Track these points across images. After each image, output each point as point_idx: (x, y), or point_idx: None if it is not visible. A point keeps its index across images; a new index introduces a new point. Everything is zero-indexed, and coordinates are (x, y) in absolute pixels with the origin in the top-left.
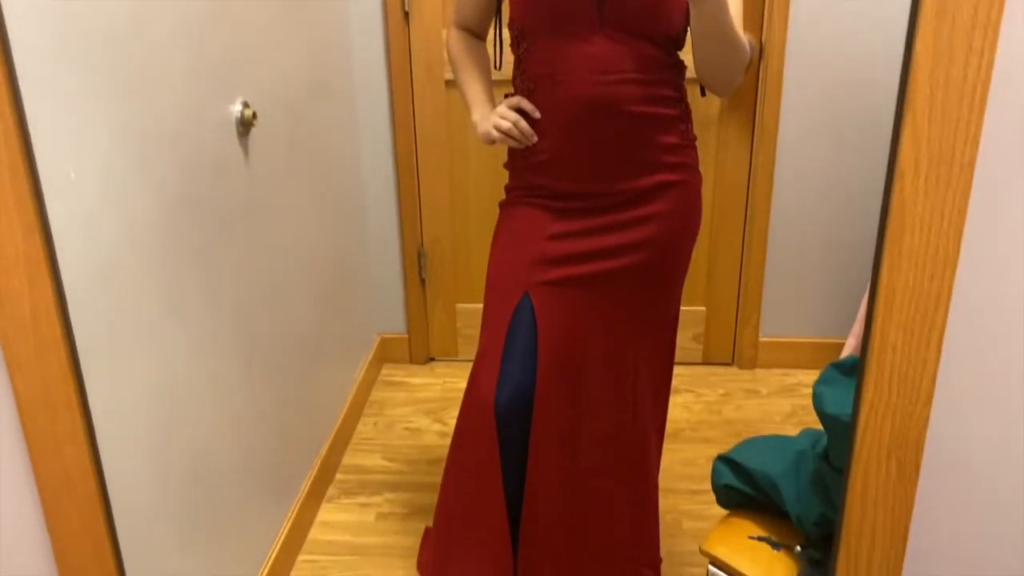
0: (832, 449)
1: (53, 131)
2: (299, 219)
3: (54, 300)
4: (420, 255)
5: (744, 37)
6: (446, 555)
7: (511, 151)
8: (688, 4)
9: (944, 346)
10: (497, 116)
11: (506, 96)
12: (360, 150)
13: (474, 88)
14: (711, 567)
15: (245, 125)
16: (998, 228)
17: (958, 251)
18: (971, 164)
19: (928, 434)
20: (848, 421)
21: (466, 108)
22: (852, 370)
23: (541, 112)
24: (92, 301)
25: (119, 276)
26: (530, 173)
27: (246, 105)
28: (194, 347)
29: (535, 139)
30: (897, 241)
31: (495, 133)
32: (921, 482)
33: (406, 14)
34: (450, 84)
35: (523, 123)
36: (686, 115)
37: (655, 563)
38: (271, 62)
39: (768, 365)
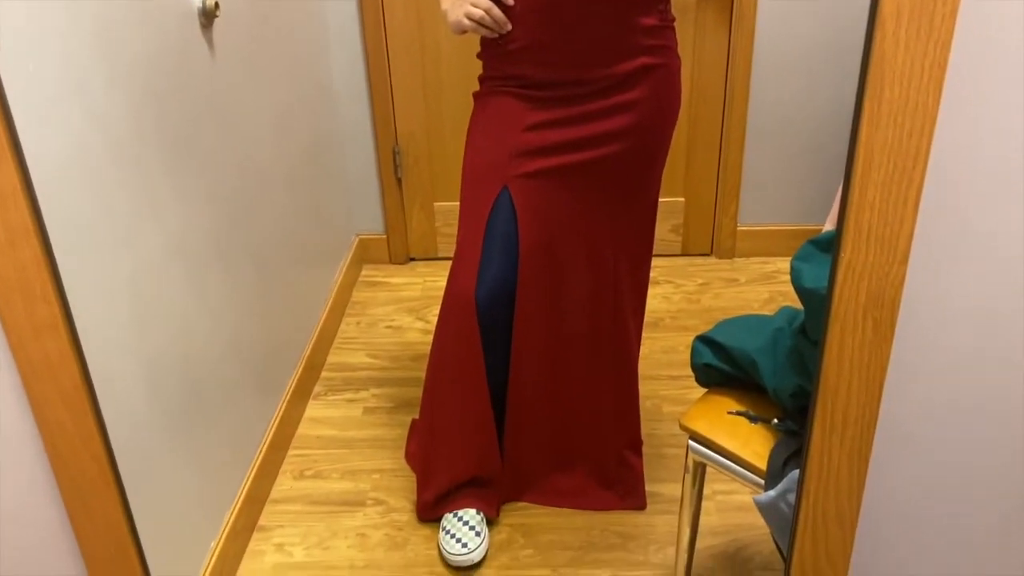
0: (809, 323)
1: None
2: (268, 116)
3: (21, 186)
4: (395, 153)
5: None
6: (433, 446)
7: (484, 40)
8: None
9: (922, 205)
10: (468, 4)
11: None
12: (328, 45)
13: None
14: (691, 442)
15: (208, 16)
16: (979, 83)
17: (938, 105)
18: (953, 13)
19: (904, 293)
20: (825, 294)
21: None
22: (829, 246)
23: None
24: (61, 190)
25: (87, 166)
26: (505, 62)
27: None
28: (169, 240)
29: (509, 26)
30: (876, 96)
31: (467, 22)
32: (896, 341)
33: None
34: None
35: (495, 10)
36: None
37: (636, 445)
38: None
39: (747, 254)
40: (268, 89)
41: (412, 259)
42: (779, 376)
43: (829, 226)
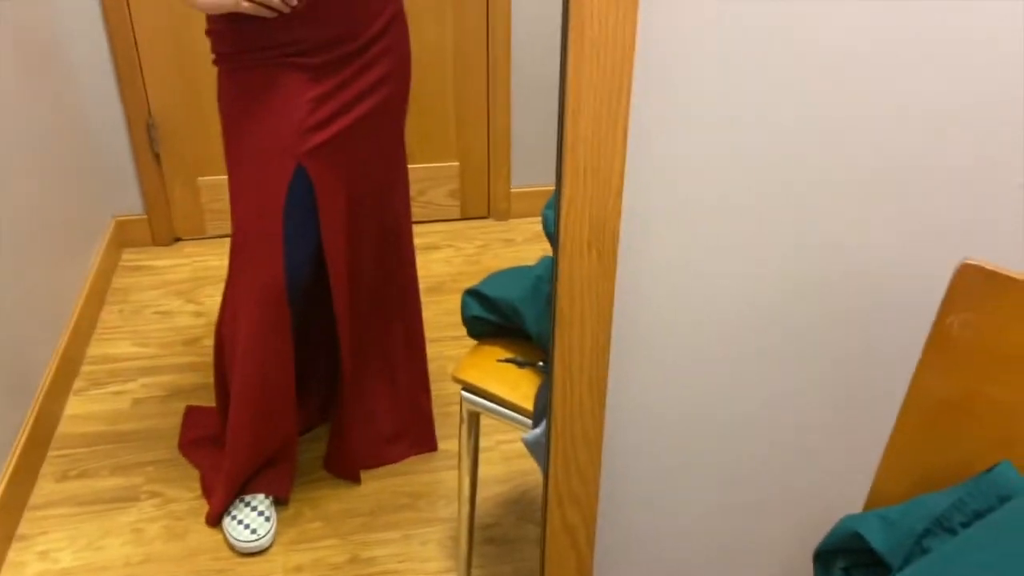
0: None
1: None
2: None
3: None
4: (149, 127)
5: None
6: (236, 438)
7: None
8: None
9: (630, 135)
10: None
11: None
12: (59, 10)
13: None
14: (464, 392)
15: None
16: (673, 18)
17: (634, 39)
18: None
19: (622, 223)
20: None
21: None
22: None
23: None
24: None
25: None
26: (273, 29)
27: None
28: None
29: (295, 2)
30: (579, 36)
31: (245, 3)
32: (620, 267)
33: None
34: None
35: None
36: None
37: (426, 385)
38: None
39: (521, 215)
40: None
41: (178, 239)
42: (540, 322)
43: None
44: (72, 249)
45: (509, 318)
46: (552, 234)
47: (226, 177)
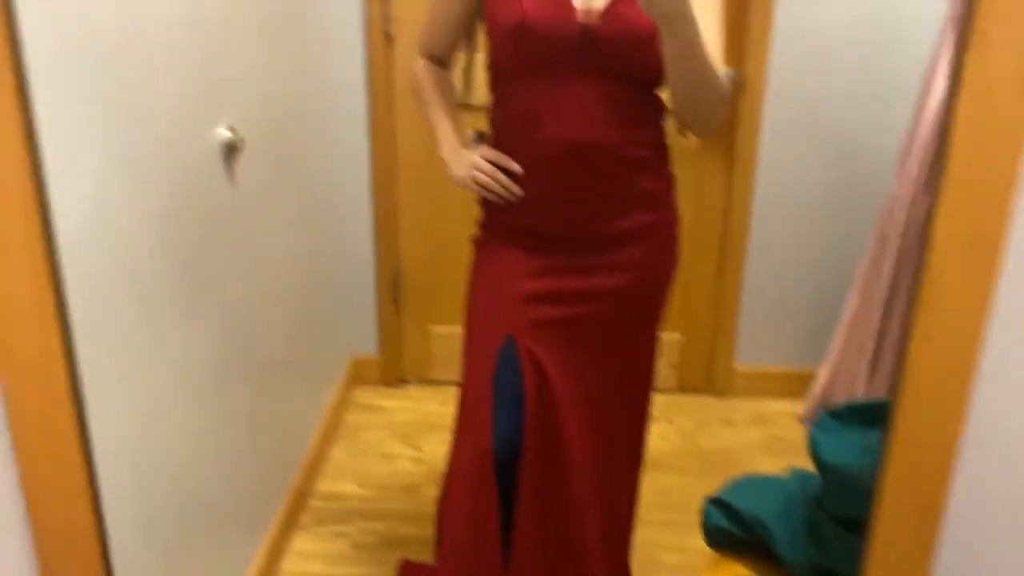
0: (829, 497)
1: (56, 167)
2: (276, 240)
3: (56, 317)
4: (395, 275)
5: (722, 72)
6: None
7: None
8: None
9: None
10: (474, 168)
11: (477, 135)
12: (338, 170)
13: (441, 120)
14: None
15: (229, 148)
16: None
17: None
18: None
19: (951, 502)
20: (848, 472)
21: (432, 139)
22: (848, 417)
23: (520, 152)
24: (86, 327)
25: (108, 305)
26: (507, 213)
27: (231, 129)
28: (175, 370)
29: (516, 190)
30: (928, 314)
31: (472, 184)
32: (942, 545)
33: (387, 35)
34: None
35: (503, 177)
36: (665, 157)
37: None
38: (255, 86)
39: (743, 394)
40: (278, 214)
41: (405, 381)
42: (795, 548)
43: (825, 370)
44: (312, 385)
45: (756, 533)
46: (823, 462)
47: (455, 327)
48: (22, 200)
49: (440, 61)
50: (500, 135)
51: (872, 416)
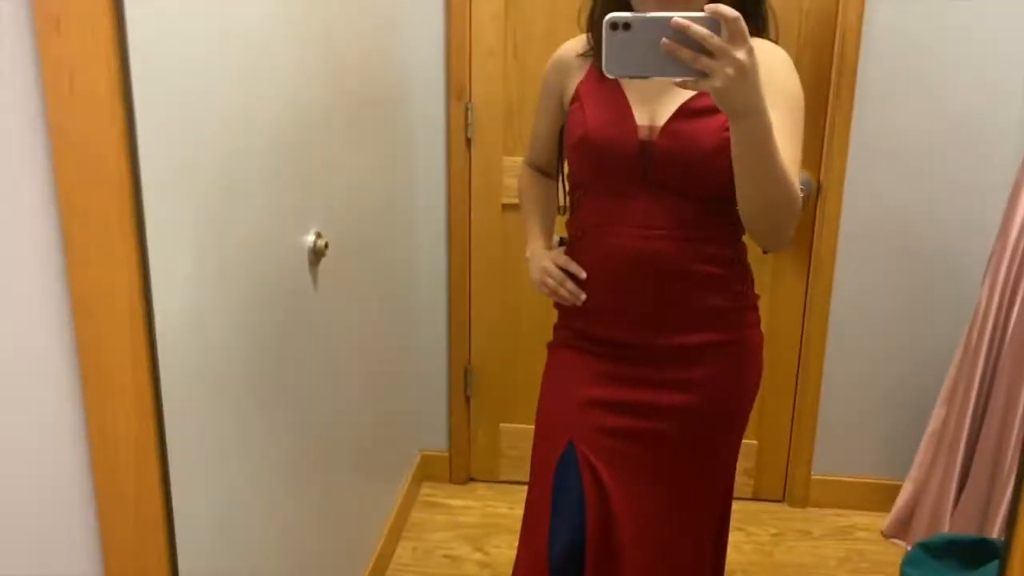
0: None
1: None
2: (354, 338)
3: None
4: (467, 372)
5: (797, 179)
6: None
7: None
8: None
9: None
10: (544, 273)
11: (560, 240)
12: (417, 269)
13: (533, 225)
14: None
15: (316, 254)
16: None
17: None
18: None
19: None
20: None
21: (523, 241)
22: (940, 551)
23: (587, 260)
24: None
25: (198, 402)
26: (574, 316)
27: (318, 235)
28: (253, 468)
29: (583, 297)
30: None
31: (543, 288)
32: None
33: (468, 140)
34: (506, 208)
35: (569, 283)
36: (741, 276)
37: None
38: (343, 190)
39: (821, 504)
40: (358, 314)
41: (472, 479)
42: None
43: (909, 485)
44: (382, 480)
45: None
46: None
47: (524, 426)
48: (129, 300)
49: (543, 170)
50: (573, 243)
51: (971, 554)
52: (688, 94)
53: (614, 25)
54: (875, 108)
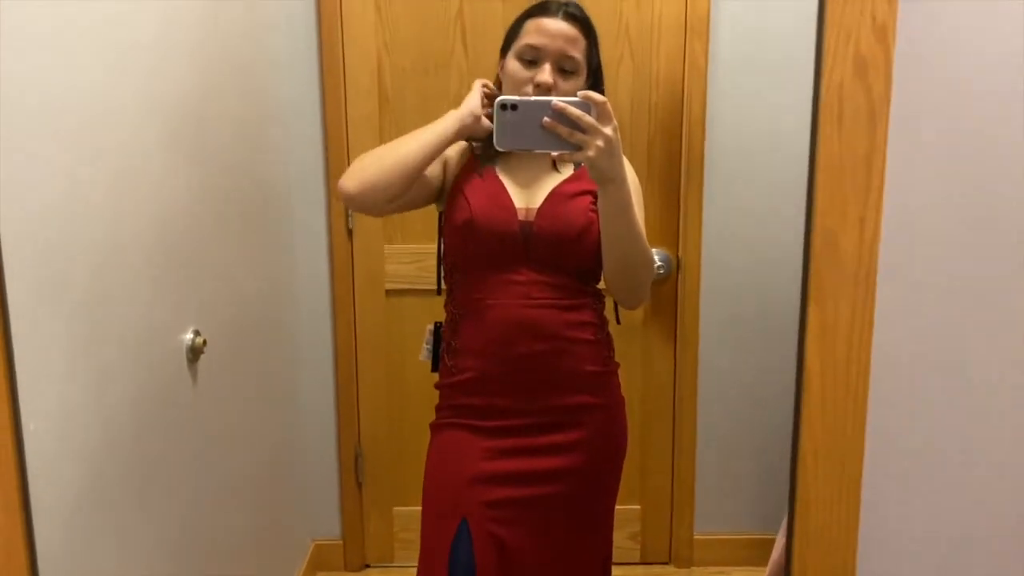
0: None
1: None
2: (237, 431)
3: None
4: (357, 457)
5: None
6: None
7: (441, 369)
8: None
9: None
10: (469, 94)
11: (436, 326)
12: (301, 358)
13: (415, 131)
14: None
15: (195, 351)
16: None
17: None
18: (859, 453)
19: None
20: None
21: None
22: None
23: (471, 332)
24: (44, 520)
25: (79, 505)
26: (458, 392)
27: (196, 333)
28: (136, 567)
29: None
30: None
31: (476, 101)
32: None
33: (350, 231)
34: (390, 293)
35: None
36: (607, 343)
37: None
38: (222, 287)
39: (705, 563)
40: (241, 407)
41: (367, 566)
42: None
43: (780, 538)
44: (275, 572)
45: None
46: None
47: (417, 508)
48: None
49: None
50: (452, 320)
51: None
52: (556, 181)
53: (503, 106)
54: (719, 189)
